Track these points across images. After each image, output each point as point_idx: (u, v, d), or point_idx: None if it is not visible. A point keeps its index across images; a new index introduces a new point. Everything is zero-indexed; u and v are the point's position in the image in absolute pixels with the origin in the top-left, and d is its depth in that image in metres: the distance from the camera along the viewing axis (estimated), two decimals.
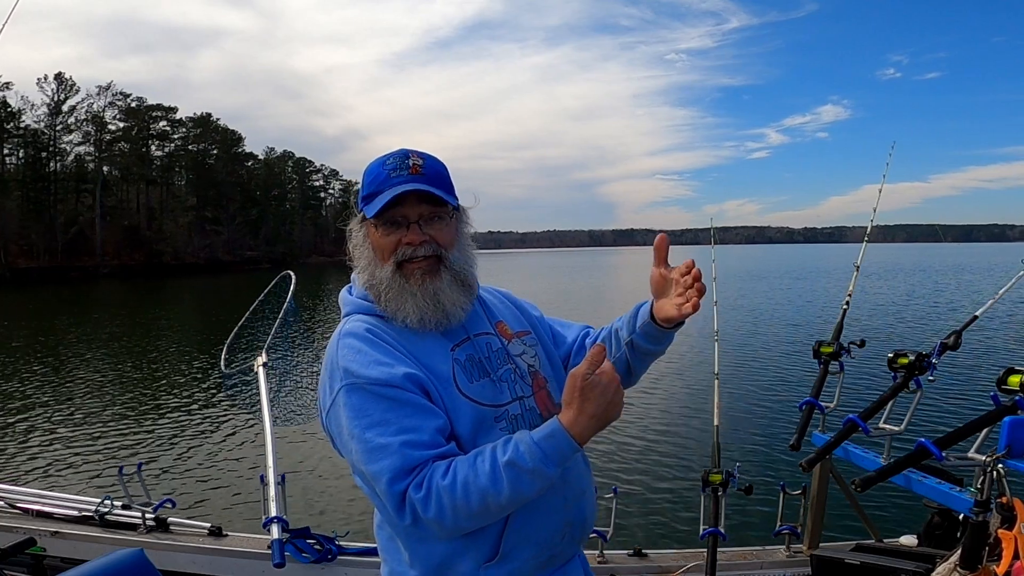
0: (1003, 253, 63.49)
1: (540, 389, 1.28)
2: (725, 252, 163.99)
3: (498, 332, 1.30)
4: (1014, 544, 1.41)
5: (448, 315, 1.19)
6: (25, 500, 2.77)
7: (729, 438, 6.71)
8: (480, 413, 1.17)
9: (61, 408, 9.45)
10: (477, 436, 1.16)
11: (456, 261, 1.21)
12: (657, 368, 11.98)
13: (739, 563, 2.52)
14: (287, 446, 6.48)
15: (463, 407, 1.16)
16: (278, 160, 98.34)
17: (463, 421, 1.15)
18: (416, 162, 1.18)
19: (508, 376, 1.24)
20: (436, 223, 1.19)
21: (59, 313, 26.15)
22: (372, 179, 1.19)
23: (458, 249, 1.22)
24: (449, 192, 1.21)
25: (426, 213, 1.18)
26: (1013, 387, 1.80)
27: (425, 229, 1.18)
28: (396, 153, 1.19)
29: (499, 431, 1.17)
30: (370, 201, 1.18)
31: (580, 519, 1.28)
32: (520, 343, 1.32)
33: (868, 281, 30.42)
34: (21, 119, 64.41)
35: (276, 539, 2.08)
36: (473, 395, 1.17)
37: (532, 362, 1.31)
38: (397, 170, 1.17)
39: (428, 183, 1.17)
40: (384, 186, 1.16)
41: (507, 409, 1.20)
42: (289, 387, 2.84)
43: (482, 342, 1.25)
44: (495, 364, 1.24)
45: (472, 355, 1.22)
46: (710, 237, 3.74)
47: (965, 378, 9.03)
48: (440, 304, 1.18)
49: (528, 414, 1.23)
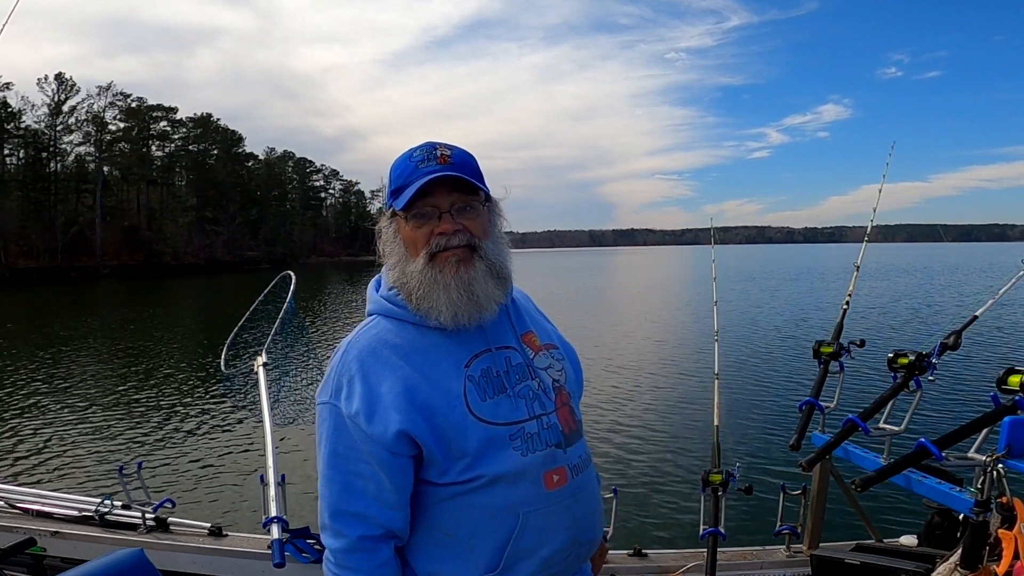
0: (1003, 253, 63.50)
1: (563, 405, 1.24)
2: (725, 252, 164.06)
3: (524, 344, 1.25)
4: (1014, 544, 1.41)
5: (482, 307, 1.15)
6: (25, 500, 2.77)
7: (729, 438, 6.72)
8: (491, 433, 1.14)
9: (61, 408, 9.45)
10: (485, 454, 1.14)
11: (491, 251, 1.18)
12: (657, 368, 12.03)
13: (739, 563, 2.52)
14: (287, 446, 6.47)
15: (471, 427, 1.13)
16: (278, 160, 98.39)
17: (470, 440, 1.13)
18: (444, 152, 1.15)
19: (527, 392, 1.19)
20: (469, 212, 1.16)
21: (59, 313, 26.16)
22: (400, 172, 1.16)
23: (492, 240, 1.19)
24: (479, 180, 1.18)
25: (458, 202, 1.15)
26: (1013, 387, 1.80)
27: (458, 218, 1.15)
28: (423, 146, 1.17)
29: (512, 450, 1.14)
30: (399, 195, 1.15)
31: (589, 537, 1.26)
32: (547, 356, 1.27)
33: (868, 281, 30.42)
34: (21, 119, 64.48)
35: (276, 539, 2.08)
36: (484, 415, 1.14)
37: (558, 376, 1.26)
38: (425, 161, 1.14)
39: (458, 171, 1.14)
40: (413, 177, 1.14)
41: (523, 427, 1.17)
42: (289, 387, 2.84)
43: (501, 356, 1.20)
44: (513, 379, 1.19)
45: (489, 368, 1.18)
46: (710, 237, 3.75)
47: (965, 378, 9.03)
48: (474, 295, 1.14)
49: (546, 432, 1.18)
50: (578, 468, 1.22)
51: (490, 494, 1.14)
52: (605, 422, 7.78)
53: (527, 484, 1.15)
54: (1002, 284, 2.70)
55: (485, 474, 1.14)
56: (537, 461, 1.16)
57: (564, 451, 1.20)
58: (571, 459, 1.21)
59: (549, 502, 1.17)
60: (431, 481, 1.17)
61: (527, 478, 1.15)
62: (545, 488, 1.17)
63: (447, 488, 1.16)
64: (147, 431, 8.25)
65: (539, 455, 1.16)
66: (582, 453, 1.25)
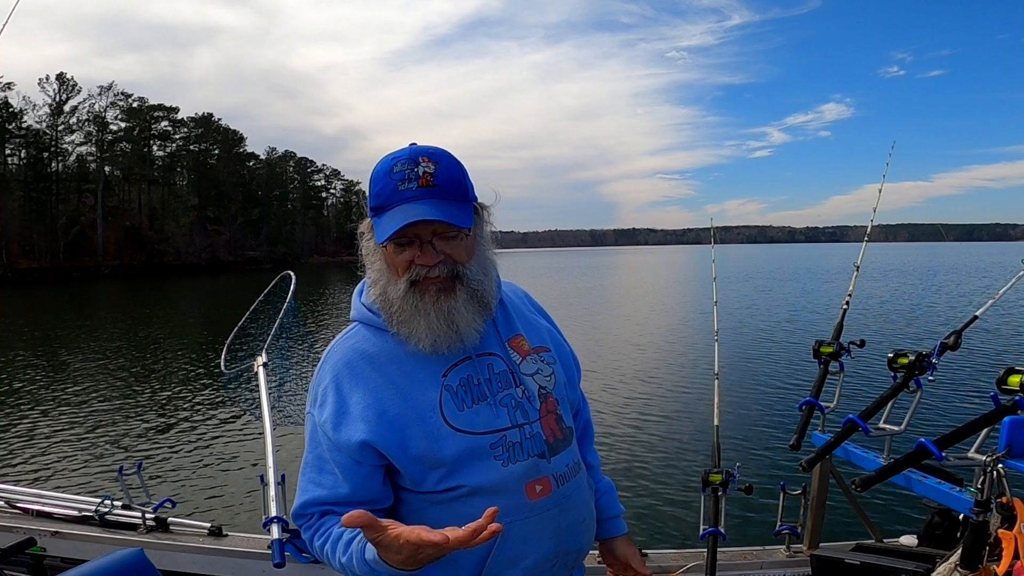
0: (1004, 253, 63.43)
1: (548, 413, 1.21)
2: (726, 252, 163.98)
3: (511, 349, 1.22)
4: (1014, 544, 1.41)
5: (462, 337, 1.13)
6: (25, 500, 2.76)
7: (729, 438, 6.71)
8: (469, 443, 1.12)
9: (61, 408, 9.45)
10: (465, 465, 1.13)
11: (474, 276, 1.13)
12: (657, 368, 12.02)
13: (739, 563, 2.52)
14: (287, 446, 6.46)
15: (447, 437, 1.12)
16: (280, 160, 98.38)
17: (446, 450, 1.12)
18: (427, 170, 1.07)
19: (509, 401, 1.17)
20: (452, 241, 1.11)
21: (60, 313, 26.19)
22: (379, 189, 1.10)
23: (476, 261, 1.15)
24: (465, 202, 1.12)
25: (440, 231, 1.09)
26: (1013, 387, 1.80)
27: (439, 247, 1.10)
28: (405, 158, 1.09)
29: (493, 460, 1.13)
30: (378, 214, 1.10)
31: (575, 547, 1.24)
32: (536, 360, 1.24)
33: (868, 281, 30.40)
34: (23, 119, 64.53)
35: (276, 539, 2.07)
36: (460, 424, 1.13)
37: (545, 383, 1.23)
38: (406, 181, 1.07)
39: (441, 196, 1.08)
40: (392, 200, 1.08)
41: (505, 435, 1.15)
42: (289, 387, 2.84)
43: (484, 363, 1.18)
44: (495, 387, 1.17)
45: (470, 376, 1.16)
46: (711, 237, 3.75)
47: (965, 378, 9.03)
48: (454, 325, 1.11)
49: (529, 442, 1.16)
50: (563, 478, 1.20)
51: (471, 504, 1.13)
52: (605, 422, 7.77)
53: (509, 495, 1.14)
54: (1002, 284, 2.69)
55: (465, 484, 1.13)
56: (519, 471, 1.15)
57: (548, 461, 1.18)
58: (556, 468, 1.19)
59: (532, 512, 1.16)
60: (408, 488, 1.18)
61: (508, 489, 1.14)
62: (527, 498, 1.15)
63: (427, 496, 1.16)
64: (147, 431, 8.25)
65: (521, 465, 1.15)
66: (569, 462, 1.22)
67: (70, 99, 67.67)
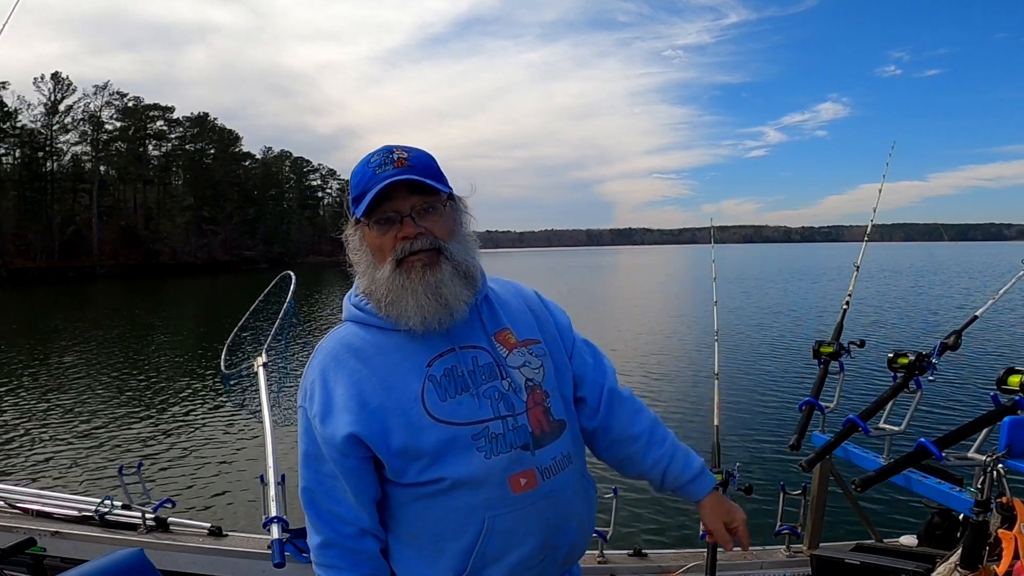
0: (999, 253, 63.62)
1: (536, 405, 1.20)
2: (722, 251, 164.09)
3: (497, 342, 1.22)
4: (1014, 544, 1.41)
5: (451, 309, 1.15)
6: (25, 500, 2.76)
7: (729, 438, 6.72)
8: (451, 433, 1.13)
9: (61, 408, 9.43)
10: (447, 456, 1.13)
11: (457, 252, 1.17)
12: (657, 368, 12.01)
13: (739, 563, 2.53)
14: (287, 446, 6.44)
15: (427, 427, 1.13)
16: (275, 160, 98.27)
17: (426, 440, 1.13)
18: (401, 155, 1.14)
19: (492, 393, 1.17)
20: (431, 215, 1.15)
21: (57, 313, 26.09)
22: (359, 180, 1.16)
23: (457, 240, 1.18)
24: (439, 180, 1.17)
25: (418, 204, 1.14)
26: (1013, 387, 1.81)
27: (420, 222, 1.14)
28: (380, 150, 1.16)
29: (476, 451, 1.13)
30: (359, 202, 1.15)
31: (565, 543, 1.23)
32: (523, 353, 1.24)
33: (868, 281, 30.46)
34: (17, 119, 64.32)
35: (276, 539, 2.07)
36: (441, 415, 1.13)
37: (533, 375, 1.22)
38: (382, 166, 1.14)
39: (415, 173, 1.13)
40: (371, 183, 1.13)
41: (487, 427, 1.15)
42: (289, 387, 2.83)
43: (468, 356, 1.19)
44: (479, 379, 1.18)
45: (454, 367, 1.17)
46: (709, 237, 3.75)
47: (965, 378, 9.03)
48: (442, 297, 1.13)
49: (512, 433, 1.16)
50: (550, 471, 1.19)
51: (454, 497, 1.14)
52: None
53: (492, 487, 1.14)
54: (1002, 284, 2.70)
55: (447, 476, 1.13)
56: (502, 464, 1.14)
57: (532, 453, 1.17)
58: (540, 461, 1.18)
59: (516, 506, 1.15)
60: (392, 481, 1.18)
61: (491, 481, 1.14)
62: (511, 491, 1.15)
63: (409, 489, 1.17)
64: (147, 431, 8.23)
65: (504, 457, 1.15)
66: (557, 455, 1.21)
67: (65, 98, 67.60)
